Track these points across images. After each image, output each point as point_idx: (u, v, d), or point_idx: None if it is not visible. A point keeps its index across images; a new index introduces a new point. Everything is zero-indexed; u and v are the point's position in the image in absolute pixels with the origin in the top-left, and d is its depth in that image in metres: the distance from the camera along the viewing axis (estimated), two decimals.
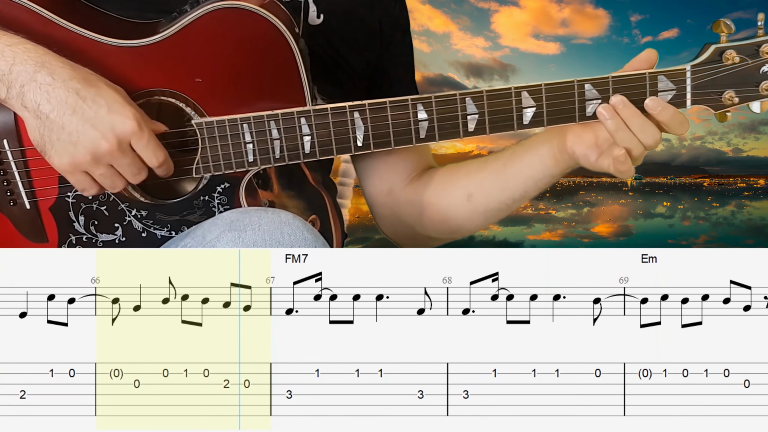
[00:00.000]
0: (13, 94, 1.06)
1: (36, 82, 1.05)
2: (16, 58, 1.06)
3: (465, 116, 1.15)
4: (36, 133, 1.07)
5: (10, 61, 1.05)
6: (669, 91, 1.13)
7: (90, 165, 1.08)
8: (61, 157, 1.07)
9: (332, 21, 1.30)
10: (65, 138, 1.06)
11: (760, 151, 9.76)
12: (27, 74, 1.05)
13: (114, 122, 1.06)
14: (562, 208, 8.44)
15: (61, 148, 1.06)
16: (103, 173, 1.09)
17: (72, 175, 1.09)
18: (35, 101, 1.05)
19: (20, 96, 1.06)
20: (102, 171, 1.09)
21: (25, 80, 1.05)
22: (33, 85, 1.05)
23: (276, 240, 1.01)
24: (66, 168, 1.08)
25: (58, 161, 1.08)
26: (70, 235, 1.17)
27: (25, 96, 1.05)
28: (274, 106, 1.14)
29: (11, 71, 1.05)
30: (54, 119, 1.05)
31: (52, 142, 1.06)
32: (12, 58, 1.06)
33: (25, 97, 1.05)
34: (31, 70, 1.05)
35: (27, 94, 1.05)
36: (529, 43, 8.09)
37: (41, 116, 1.06)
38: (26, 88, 1.05)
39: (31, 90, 1.05)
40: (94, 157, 1.07)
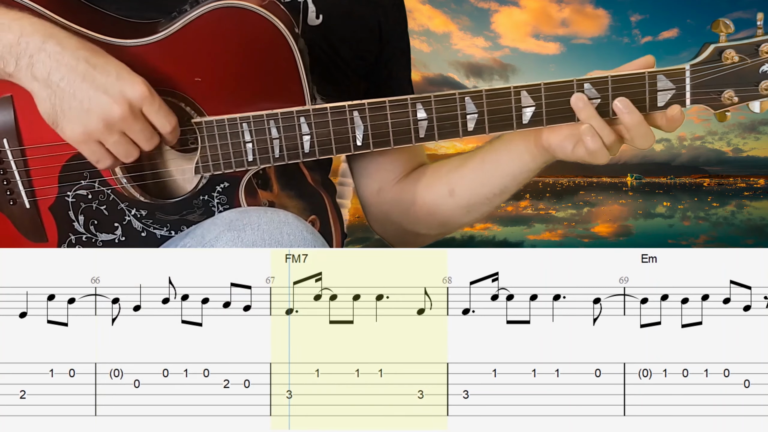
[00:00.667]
0: (23, 65, 1.06)
1: (45, 52, 1.05)
2: (24, 30, 1.06)
3: (464, 116, 1.15)
4: (47, 103, 1.06)
5: (17, 33, 1.06)
6: (668, 90, 1.13)
7: (103, 132, 1.07)
8: (74, 127, 1.07)
9: (331, 21, 1.30)
10: (77, 106, 1.05)
11: (760, 151, 9.74)
12: (36, 44, 1.05)
13: (125, 87, 1.06)
14: (562, 208, 8.44)
15: (73, 116, 1.06)
16: (117, 140, 1.08)
17: (86, 145, 1.08)
18: (45, 70, 1.05)
19: (30, 67, 1.06)
20: (115, 138, 1.08)
21: (34, 50, 1.05)
22: (42, 55, 1.05)
23: (276, 240, 1.01)
24: (79, 137, 1.07)
25: (70, 131, 1.07)
26: (69, 235, 1.17)
27: (34, 66, 1.05)
28: (274, 106, 1.14)
29: (19, 42, 1.05)
30: (65, 87, 1.05)
31: (64, 111, 1.06)
32: (19, 30, 1.06)
33: (35, 67, 1.05)
34: (39, 41, 1.05)
35: (37, 64, 1.05)
36: (529, 43, 8.07)
37: (52, 85, 1.05)
38: (35, 58, 1.05)
39: (41, 59, 1.05)
40: (106, 124, 1.06)
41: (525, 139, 1.22)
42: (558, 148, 1.18)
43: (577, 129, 1.14)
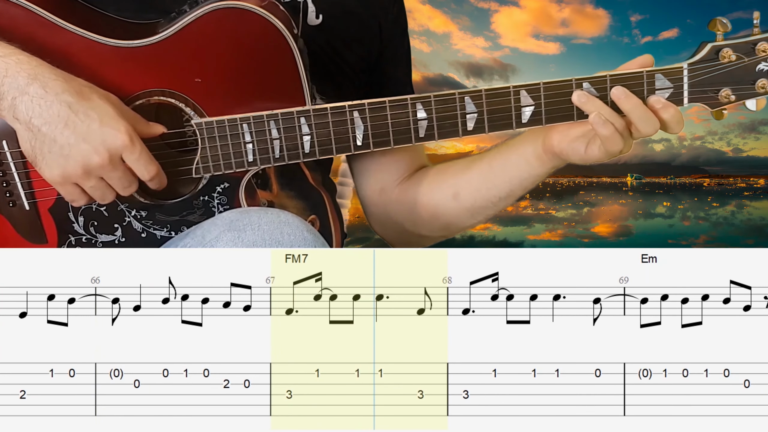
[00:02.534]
0: (5, 106, 1.06)
1: (28, 95, 1.05)
2: (9, 70, 1.05)
3: (464, 115, 1.15)
4: (27, 144, 1.07)
5: (2, 72, 1.05)
6: (666, 89, 1.13)
7: (81, 178, 1.08)
8: (52, 169, 1.07)
9: (331, 21, 1.30)
10: (57, 151, 1.06)
11: (760, 151, 9.76)
12: (19, 87, 1.05)
13: (105, 136, 1.06)
14: (562, 208, 8.45)
15: (52, 160, 1.07)
16: (94, 185, 1.09)
17: (62, 186, 1.10)
18: (27, 114, 1.05)
19: (12, 108, 1.06)
20: (93, 183, 1.09)
21: (17, 93, 1.05)
22: (25, 98, 1.05)
23: (276, 240, 1.01)
24: (57, 180, 1.08)
25: (48, 173, 1.08)
26: (69, 236, 1.17)
27: (17, 108, 1.05)
28: (274, 106, 1.14)
29: (3, 83, 1.05)
30: (46, 132, 1.05)
31: (44, 154, 1.07)
32: (4, 69, 1.05)
33: (17, 109, 1.05)
34: (23, 83, 1.05)
35: (19, 107, 1.05)
36: (529, 43, 8.09)
37: (33, 129, 1.06)
38: (18, 100, 1.05)
39: (23, 102, 1.05)
40: (85, 171, 1.07)
41: (533, 143, 1.22)
42: (571, 152, 1.18)
43: (586, 127, 1.14)
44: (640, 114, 1.12)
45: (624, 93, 1.12)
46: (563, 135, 1.17)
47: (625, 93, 1.12)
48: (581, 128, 1.16)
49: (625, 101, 1.12)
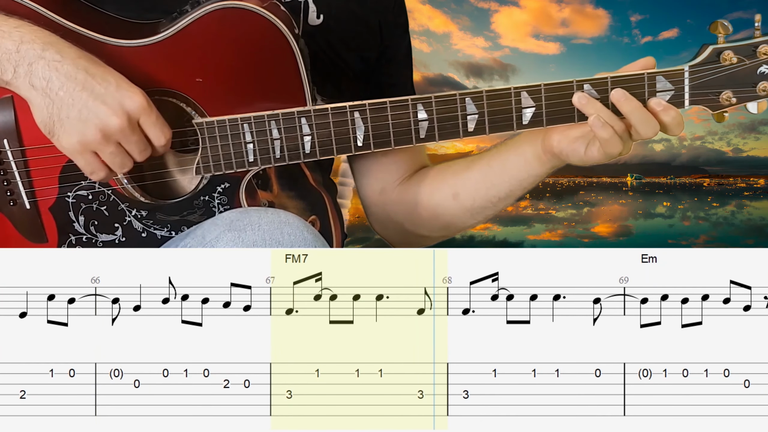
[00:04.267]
0: (21, 73, 1.05)
1: (45, 60, 1.05)
2: (24, 38, 1.06)
3: (465, 116, 1.15)
4: (44, 112, 1.06)
5: (17, 40, 1.05)
6: (667, 91, 1.13)
7: (99, 143, 1.07)
8: (71, 136, 1.06)
9: (332, 21, 1.30)
10: (75, 115, 1.05)
11: (760, 151, 9.76)
12: (35, 52, 1.05)
13: (123, 98, 1.06)
14: (562, 208, 8.45)
15: (70, 126, 1.06)
16: (113, 151, 1.08)
17: (81, 155, 1.08)
18: (44, 78, 1.05)
19: (28, 75, 1.05)
20: (111, 149, 1.08)
21: (34, 58, 1.05)
22: (42, 63, 1.05)
23: (276, 240, 1.01)
24: (75, 147, 1.07)
25: (66, 141, 1.07)
26: (69, 235, 1.17)
27: (33, 74, 1.05)
28: (275, 106, 1.14)
29: (19, 50, 1.05)
30: (63, 96, 1.05)
31: (61, 120, 1.06)
32: (19, 37, 1.06)
33: (34, 74, 1.05)
34: (39, 48, 1.05)
35: (36, 72, 1.05)
36: (529, 43, 8.09)
37: (50, 93, 1.05)
38: (35, 65, 1.05)
39: (40, 67, 1.05)
40: (104, 135, 1.06)
41: (533, 143, 1.22)
42: (571, 152, 1.18)
43: (586, 129, 1.14)
44: (640, 117, 1.12)
45: (624, 96, 1.12)
46: (563, 135, 1.18)
47: (625, 96, 1.12)
48: (581, 129, 1.16)
49: (625, 104, 1.12)
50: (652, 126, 1.12)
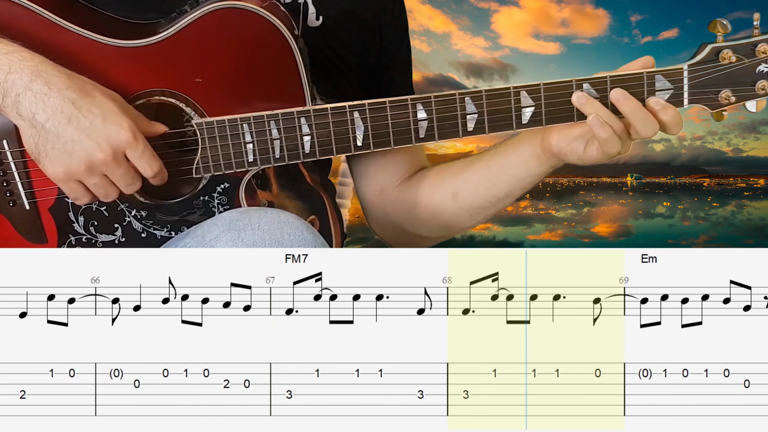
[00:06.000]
0: (9, 103, 1.06)
1: (32, 92, 1.05)
2: (12, 67, 1.05)
3: (464, 116, 1.15)
4: (31, 141, 1.07)
5: (5, 69, 1.05)
6: (666, 90, 1.13)
7: (84, 174, 1.08)
8: (55, 166, 1.07)
9: (331, 22, 1.30)
10: (60, 147, 1.06)
11: (760, 151, 9.77)
12: (23, 83, 1.05)
13: (109, 132, 1.06)
14: (562, 208, 8.45)
15: (55, 157, 1.07)
16: (97, 183, 1.09)
17: (65, 183, 1.10)
18: (31, 110, 1.05)
19: (15, 105, 1.06)
20: (96, 180, 1.09)
21: (21, 89, 1.05)
22: (29, 95, 1.05)
23: (276, 240, 1.01)
24: (60, 177, 1.08)
25: (52, 170, 1.08)
26: (69, 236, 1.17)
27: (20, 105, 1.05)
28: (274, 106, 1.14)
29: (7, 80, 1.05)
30: (49, 129, 1.05)
31: (47, 151, 1.07)
32: (8, 66, 1.05)
33: (21, 106, 1.05)
34: (26, 79, 1.05)
35: (22, 103, 1.05)
36: (529, 43, 8.09)
37: (36, 125, 1.06)
38: (22, 97, 1.05)
39: (27, 99, 1.05)
40: (88, 167, 1.07)
41: (532, 143, 1.22)
42: (569, 152, 1.18)
43: (585, 128, 1.14)
44: (639, 116, 1.12)
45: (623, 95, 1.12)
46: (562, 135, 1.18)
47: (624, 95, 1.12)
48: (580, 128, 1.16)
49: (624, 104, 1.12)
50: (651, 125, 1.12)
